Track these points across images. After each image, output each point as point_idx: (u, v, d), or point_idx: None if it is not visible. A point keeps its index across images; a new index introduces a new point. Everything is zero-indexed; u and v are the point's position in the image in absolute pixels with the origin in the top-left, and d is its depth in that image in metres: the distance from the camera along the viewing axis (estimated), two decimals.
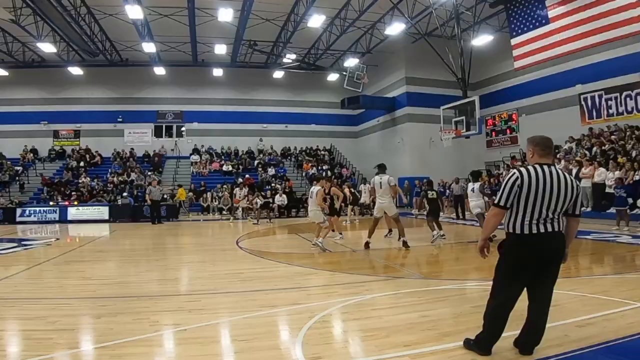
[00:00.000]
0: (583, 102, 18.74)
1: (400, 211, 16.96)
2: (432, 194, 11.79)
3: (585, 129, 18.19)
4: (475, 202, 10.91)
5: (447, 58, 19.55)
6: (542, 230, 3.30)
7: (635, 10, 13.19)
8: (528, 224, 3.30)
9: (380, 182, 9.82)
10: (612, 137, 16.30)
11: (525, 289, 3.50)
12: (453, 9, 18.77)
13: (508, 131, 23.39)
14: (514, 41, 17.59)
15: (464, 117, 18.62)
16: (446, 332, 4.17)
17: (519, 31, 17.25)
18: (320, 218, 9.99)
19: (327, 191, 10.65)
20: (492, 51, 21.95)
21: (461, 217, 17.82)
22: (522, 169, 3.35)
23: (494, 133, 24.36)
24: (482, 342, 3.51)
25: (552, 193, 3.26)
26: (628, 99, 17.02)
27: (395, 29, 20.38)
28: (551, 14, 15.85)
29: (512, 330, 3.59)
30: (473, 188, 10.96)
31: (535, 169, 3.32)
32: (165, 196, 22.01)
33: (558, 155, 16.43)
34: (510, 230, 3.40)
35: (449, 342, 3.88)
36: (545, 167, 3.34)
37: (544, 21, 16.15)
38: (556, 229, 3.34)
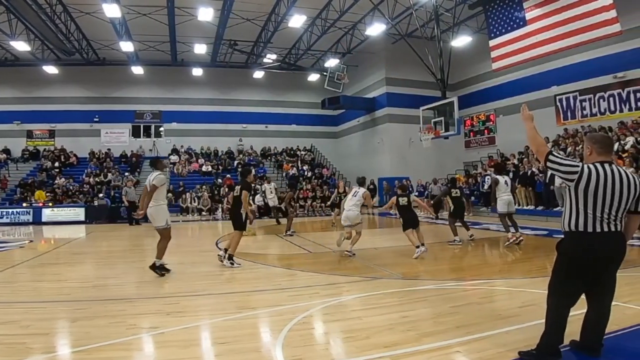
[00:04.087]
0: (558, 103, 19.15)
1: (381, 212, 17.05)
2: (456, 192, 11.06)
3: (561, 129, 18.58)
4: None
5: (426, 59, 19.74)
6: (602, 229, 3.22)
7: (608, 13, 13.48)
8: (591, 222, 3.22)
9: (357, 192, 9.41)
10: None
11: (584, 294, 3.44)
12: (433, 10, 18.96)
13: (486, 132, 23.75)
14: (492, 42, 17.82)
15: (443, 118, 18.82)
16: (426, 332, 4.20)
17: (497, 33, 17.48)
18: (359, 219, 9.28)
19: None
20: (471, 52, 22.28)
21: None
22: (586, 165, 3.28)
23: (472, 133, 24.69)
24: (548, 346, 3.39)
25: (614, 192, 3.19)
26: (601, 100, 17.46)
27: (376, 29, 20.53)
28: (528, 16, 16.10)
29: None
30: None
31: (596, 167, 3.24)
32: None
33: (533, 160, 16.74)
34: (568, 229, 3.33)
35: (429, 342, 3.91)
36: (607, 165, 3.26)
37: (521, 23, 16.39)
38: (617, 229, 3.26)
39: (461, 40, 21.37)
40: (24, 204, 19.97)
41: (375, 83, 26.41)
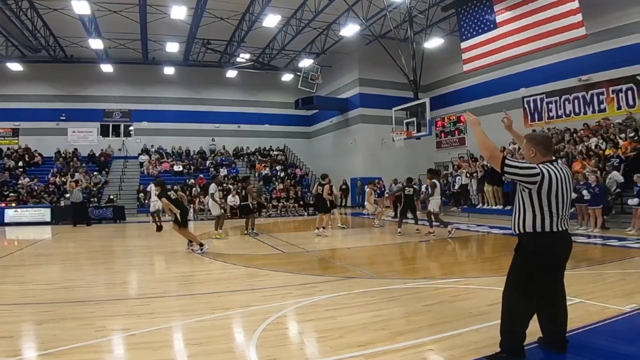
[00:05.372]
0: (526, 105, 19.65)
1: (354, 211, 17.16)
2: (409, 190, 12.55)
3: (528, 130, 19.01)
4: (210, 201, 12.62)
5: (399, 60, 19.95)
6: (560, 228, 3.30)
7: (575, 17, 13.92)
8: (555, 222, 3.26)
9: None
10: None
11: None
12: (406, 12, 19.16)
13: (457, 132, 24.18)
14: (463, 45, 18.16)
15: (415, 119, 19.05)
16: (399, 331, 4.24)
17: (469, 35, 17.83)
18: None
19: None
20: (443, 54, 22.63)
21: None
22: (541, 166, 3.26)
23: (443, 134, 25.10)
24: (514, 346, 3.36)
25: (564, 190, 3.27)
26: (567, 102, 17.99)
27: (350, 30, 20.64)
28: (499, 19, 16.47)
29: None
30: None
31: (548, 167, 3.26)
32: (111, 196, 21.31)
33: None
34: (531, 230, 3.29)
35: (402, 341, 3.95)
36: (556, 165, 3.32)
37: (492, 26, 16.76)
38: (567, 227, 3.39)
39: (434, 42, 21.71)
40: None
41: (349, 84, 26.56)
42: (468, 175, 18.68)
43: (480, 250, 10.79)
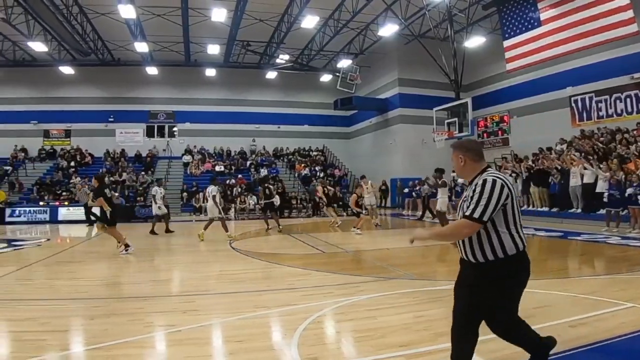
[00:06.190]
0: (573, 104, 18.91)
1: (393, 212, 17.00)
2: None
3: (577, 130, 18.36)
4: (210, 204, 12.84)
5: (439, 60, 19.65)
6: (525, 244, 2.80)
7: (625, 13, 13.33)
8: (523, 238, 2.78)
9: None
10: (602, 139, 16.47)
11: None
12: (446, 11, 18.87)
13: (500, 132, 23.56)
14: (506, 43, 17.70)
15: (456, 119, 18.74)
16: (441, 332, 4.17)
17: (511, 33, 17.36)
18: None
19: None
20: (485, 53, 22.11)
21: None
22: (500, 175, 2.78)
23: (485, 135, 24.51)
24: None
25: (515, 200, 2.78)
26: (618, 101, 17.20)
27: (389, 30, 20.47)
28: (543, 16, 15.97)
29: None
30: (209, 192, 12.92)
31: (501, 176, 2.77)
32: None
33: (552, 156, 16.58)
34: (510, 253, 2.71)
35: (444, 342, 3.87)
36: (500, 173, 2.87)
37: (535, 24, 16.27)
38: None
39: (475, 41, 21.23)
40: (41, 203, 20.26)
41: (388, 84, 26.36)
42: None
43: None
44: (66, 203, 20.37)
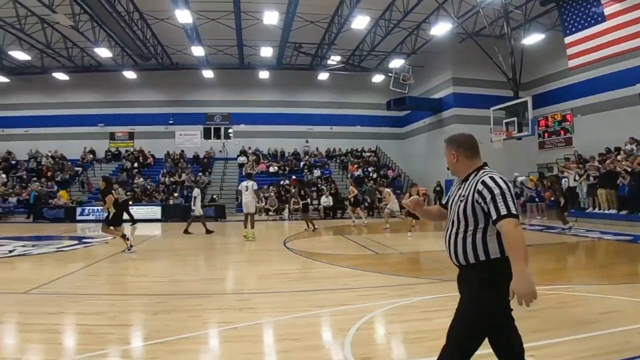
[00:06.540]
0: None
1: None
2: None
3: None
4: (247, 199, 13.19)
5: (496, 58, 19.02)
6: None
7: None
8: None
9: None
10: None
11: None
12: (502, 8, 18.24)
13: (562, 132, 22.49)
14: (567, 40, 16.88)
15: (515, 118, 18.05)
16: None
17: (573, 29, 16.55)
18: None
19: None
20: (544, 50, 21.19)
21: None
22: (498, 177, 2.63)
23: (546, 134, 23.47)
24: None
25: None
26: None
27: (441, 29, 20.01)
28: (607, 11, 15.12)
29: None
30: (247, 186, 13.16)
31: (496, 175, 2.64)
32: (213, 196, 22.63)
33: (619, 157, 15.68)
34: (500, 254, 2.52)
35: None
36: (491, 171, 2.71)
37: (599, 19, 15.43)
38: None
39: (533, 38, 20.34)
40: None
41: (442, 83, 25.82)
42: (577, 178, 17.26)
43: (590, 256, 9.99)
44: (130, 202, 21.38)
